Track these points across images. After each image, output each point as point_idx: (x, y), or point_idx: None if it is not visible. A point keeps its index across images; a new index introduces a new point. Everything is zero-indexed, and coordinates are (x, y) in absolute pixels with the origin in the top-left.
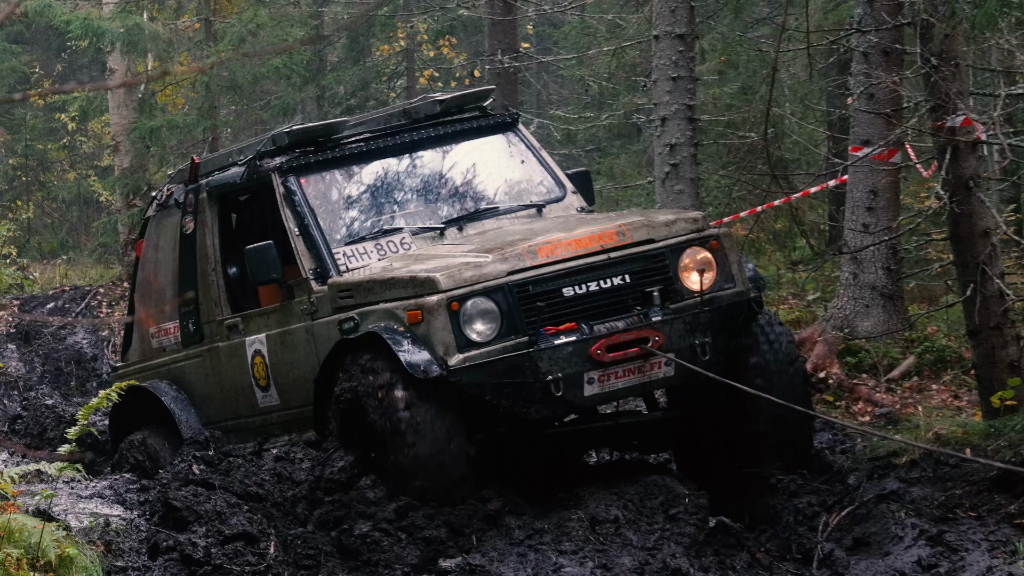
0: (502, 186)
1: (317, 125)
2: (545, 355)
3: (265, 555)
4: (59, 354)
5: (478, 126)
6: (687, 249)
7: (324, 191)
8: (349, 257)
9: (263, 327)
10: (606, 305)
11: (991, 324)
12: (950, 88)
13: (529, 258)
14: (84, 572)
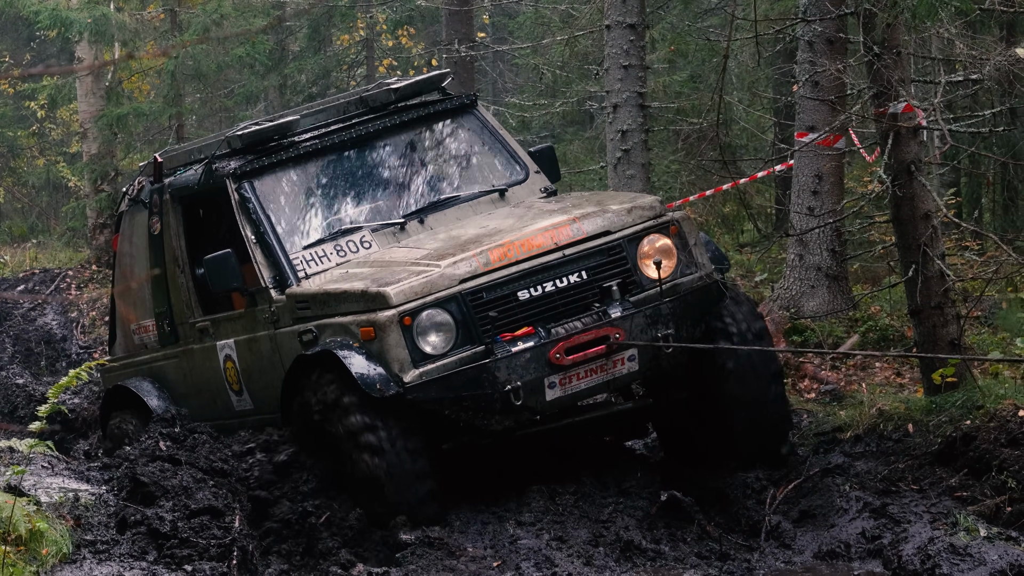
0: (464, 171)
1: (270, 126)
2: (503, 364)
3: (230, 528)
4: (29, 335)
5: (435, 111)
6: (645, 237)
7: (280, 194)
8: (308, 262)
9: (231, 332)
10: (563, 305)
11: (932, 304)
12: (892, 76)
13: (482, 264)
14: (54, 546)
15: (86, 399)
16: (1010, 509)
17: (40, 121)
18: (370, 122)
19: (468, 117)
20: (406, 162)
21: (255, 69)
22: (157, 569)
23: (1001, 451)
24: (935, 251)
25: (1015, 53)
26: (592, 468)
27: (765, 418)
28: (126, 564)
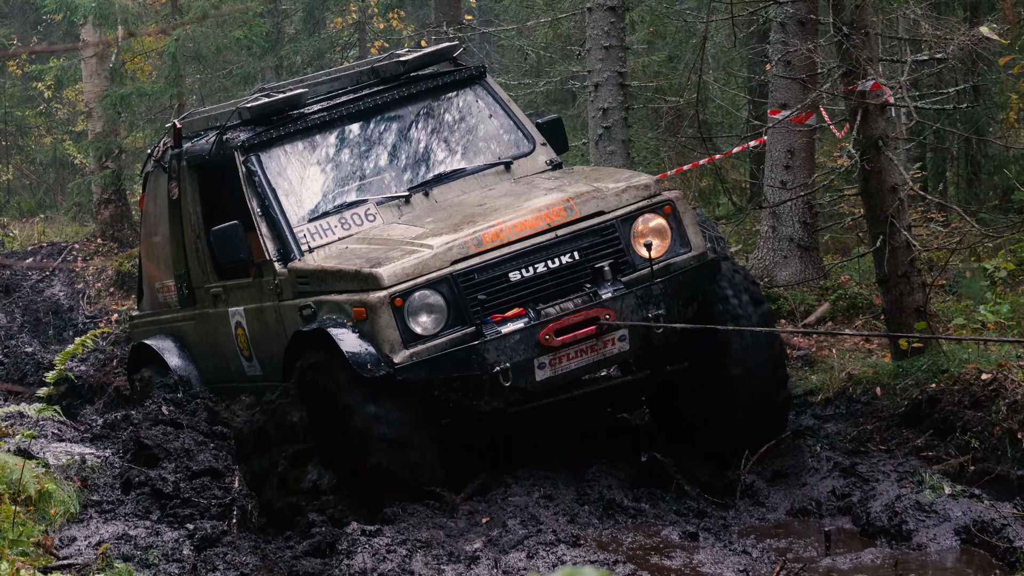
0: (471, 143)
1: (279, 99)
2: (491, 346)
3: (230, 489)
4: (37, 305)
5: (445, 82)
6: (639, 217)
7: (287, 167)
8: (313, 235)
9: (241, 300)
10: (555, 286)
11: (899, 273)
12: (860, 55)
13: (474, 246)
14: (62, 506)
15: (92, 366)
16: (973, 468)
17: (47, 101)
18: (379, 94)
19: (477, 88)
20: (413, 134)
21: (252, 51)
22: (160, 528)
23: (965, 413)
24: (902, 222)
25: (978, 33)
26: (580, 432)
27: (766, 404)
28: (131, 523)
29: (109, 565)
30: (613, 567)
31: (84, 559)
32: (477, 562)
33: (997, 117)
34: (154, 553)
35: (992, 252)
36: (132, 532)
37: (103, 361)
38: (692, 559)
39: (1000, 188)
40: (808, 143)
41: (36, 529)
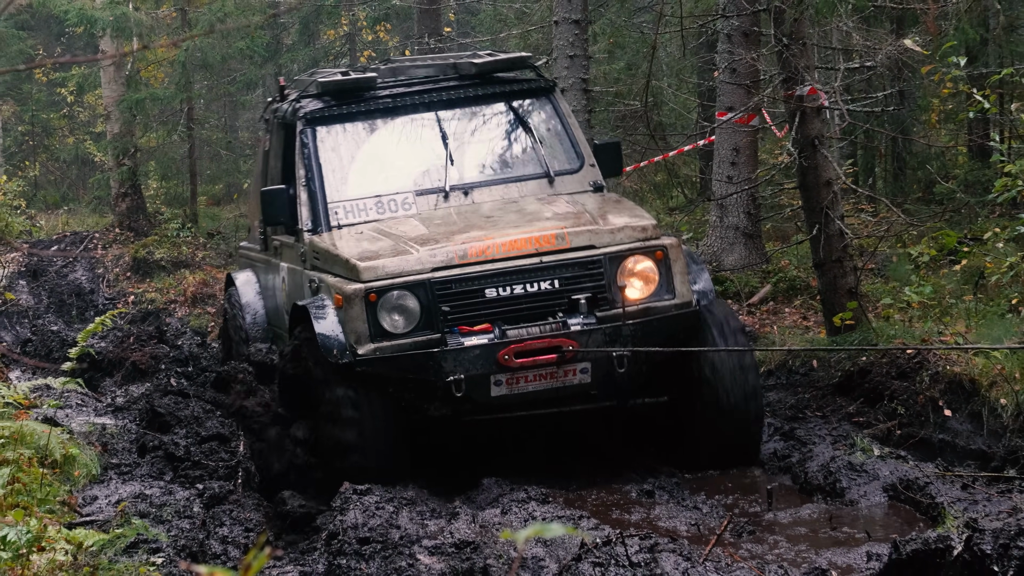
0: (522, 151)
1: (350, 79)
2: (450, 356)
3: (235, 452)
4: (62, 288)
5: (516, 89)
6: (629, 257)
7: (340, 144)
8: (348, 212)
9: (287, 258)
10: (527, 309)
11: (833, 258)
12: (798, 63)
13: (458, 256)
14: (85, 468)
15: (111, 343)
16: (899, 432)
17: (70, 105)
18: (447, 90)
19: (543, 100)
20: (471, 133)
21: (254, 59)
22: (173, 487)
23: (892, 383)
24: (835, 213)
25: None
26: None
27: (739, 437)
28: (146, 483)
29: (127, 521)
30: (579, 521)
31: (105, 516)
32: (457, 517)
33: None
34: (167, 510)
35: (916, 239)
36: (148, 491)
37: (121, 338)
38: (649, 514)
39: (923, 182)
40: (752, 142)
41: (61, 489)
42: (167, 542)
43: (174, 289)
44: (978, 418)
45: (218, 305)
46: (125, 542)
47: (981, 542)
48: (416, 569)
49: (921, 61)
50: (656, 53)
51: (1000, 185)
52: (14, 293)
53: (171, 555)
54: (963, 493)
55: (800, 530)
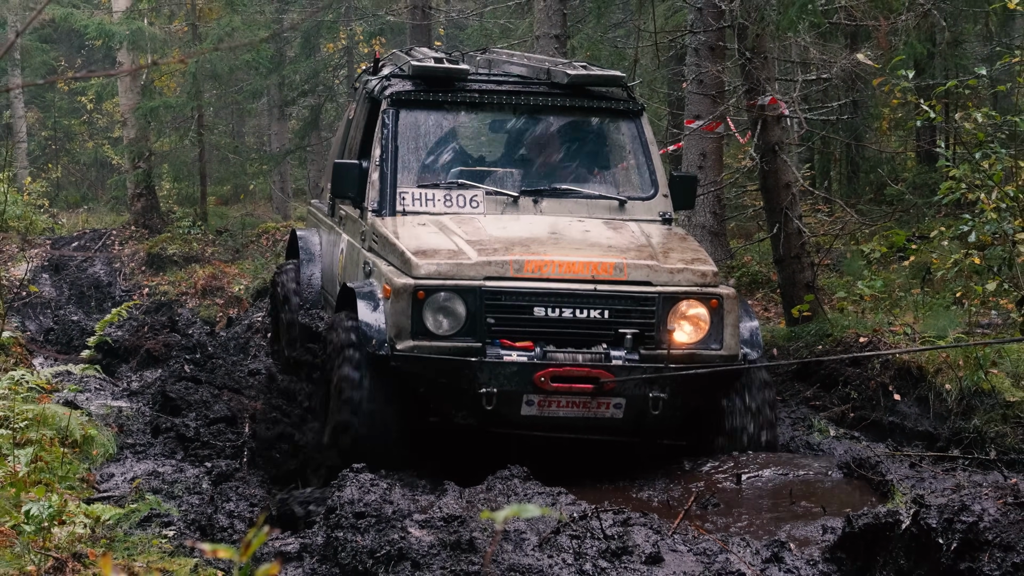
0: (599, 170)
1: (442, 67)
2: (487, 367)
3: (241, 433)
4: (82, 281)
5: (602, 107)
6: (683, 300)
7: (420, 130)
8: (416, 199)
9: (348, 231)
10: (572, 335)
11: (792, 254)
12: (760, 75)
13: (513, 270)
14: (102, 448)
15: (127, 332)
16: (852, 415)
17: (89, 112)
18: (533, 95)
19: (630, 123)
20: (551, 142)
21: (259, 70)
22: (184, 465)
23: (846, 370)
24: (794, 213)
25: (856, 58)
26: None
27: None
28: (159, 461)
29: (141, 497)
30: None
31: (121, 492)
32: (445, 493)
33: (872, 126)
34: (178, 487)
35: (868, 237)
36: (160, 469)
37: (136, 328)
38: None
39: (875, 184)
40: (717, 148)
41: (81, 467)
42: (178, 516)
43: (185, 282)
44: (925, 402)
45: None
46: (139, 516)
47: (927, 517)
48: (408, 541)
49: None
50: (630, 64)
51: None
52: (38, 286)
53: (181, 528)
54: (911, 471)
55: (762, 504)
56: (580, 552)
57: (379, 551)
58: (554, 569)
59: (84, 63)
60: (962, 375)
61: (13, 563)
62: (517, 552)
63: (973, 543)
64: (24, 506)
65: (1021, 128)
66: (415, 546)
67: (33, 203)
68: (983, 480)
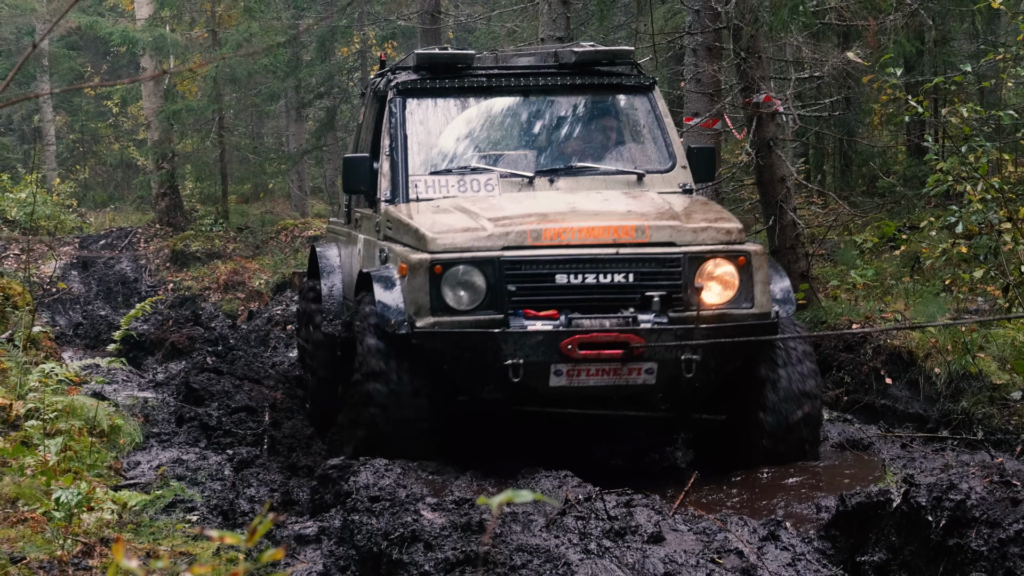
0: (615, 146)
1: (446, 53)
2: (511, 338)
3: (262, 422)
4: (109, 278)
5: (612, 83)
6: (709, 260)
7: (429, 118)
8: (429, 187)
9: (364, 230)
10: (598, 300)
11: (787, 245)
12: (755, 74)
13: (531, 238)
14: (129, 437)
15: (152, 326)
16: (846, 398)
17: (115, 115)
18: (541, 75)
19: (641, 98)
20: (564, 122)
21: (277, 74)
22: (207, 453)
23: (839, 355)
24: (789, 206)
25: (846, 56)
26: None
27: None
28: (184, 449)
29: (166, 484)
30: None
31: (147, 479)
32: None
33: (864, 121)
34: (202, 473)
35: (861, 228)
36: (184, 457)
37: (161, 321)
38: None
39: (867, 177)
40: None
41: (108, 456)
42: (201, 502)
43: (208, 277)
44: (915, 386)
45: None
46: (164, 502)
47: (917, 495)
48: (420, 524)
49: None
50: None
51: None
52: (67, 282)
53: (204, 513)
54: (902, 452)
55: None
56: (585, 532)
57: (393, 533)
58: (560, 549)
59: (110, 68)
60: (951, 359)
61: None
62: (525, 533)
63: (961, 520)
64: (54, 493)
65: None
66: (427, 528)
67: (62, 203)
68: (971, 460)
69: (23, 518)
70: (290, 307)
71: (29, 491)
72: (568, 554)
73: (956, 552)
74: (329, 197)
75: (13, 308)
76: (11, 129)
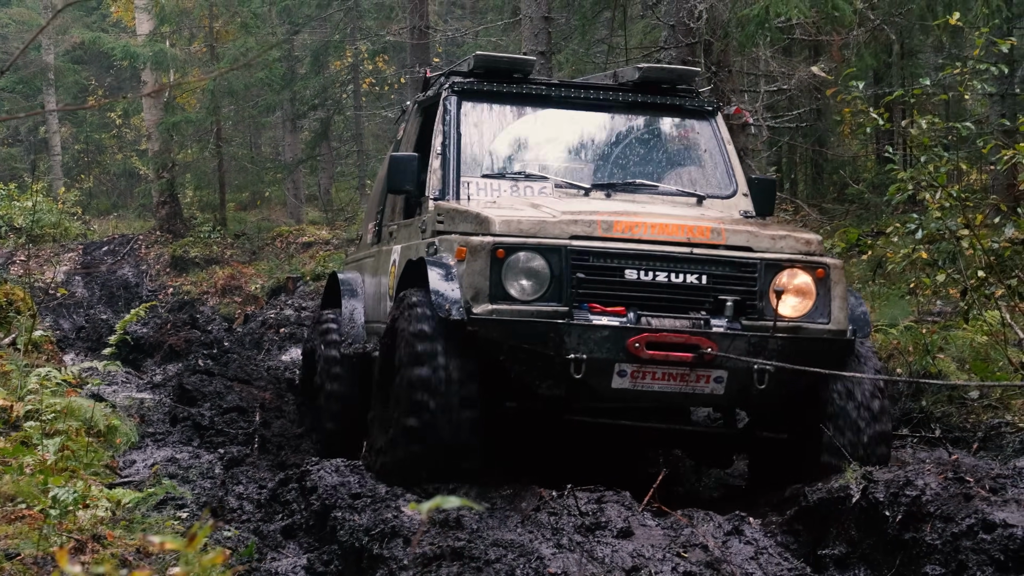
0: (674, 168)
1: (506, 57)
2: (575, 331)
3: (252, 421)
4: (112, 282)
5: (678, 105)
6: (787, 269)
7: (483, 121)
8: (480, 189)
9: (401, 238)
10: (668, 300)
11: None
12: (726, 87)
13: (601, 229)
14: (125, 436)
15: (151, 329)
16: None
17: (118, 127)
18: (601, 89)
19: (704, 123)
20: (620, 139)
21: (272, 87)
22: (200, 451)
23: None
24: None
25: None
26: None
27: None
28: (177, 448)
29: (158, 482)
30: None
31: (141, 477)
32: None
33: (835, 131)
34: (193, 472)
35: (830, 233)
36: (178, 456)
37: (160, 325)
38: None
39: (838, 184)
40: None
41: (105, 455)
42: (191, 499)
43: (206, 282)
44: None
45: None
46: (156, 499)
47: (875, 491)
48: (400, 520)
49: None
50: None
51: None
52: (71, 287)
53: (194, 510)
54: None
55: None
56: (557, 528)
57: (374, 529)
58: (534, 543)
59: (113, 81)
60: (911, 360)
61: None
62: (501, 528)
63: (916, 515)
64: (51, 491)
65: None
66: (407, 524)
67: (67, 211)
68: (927, 457)
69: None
70: (284, 311)
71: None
72: (541, 548)
73: (912, 545)
74: (323, 204)
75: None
76: (18, 140)
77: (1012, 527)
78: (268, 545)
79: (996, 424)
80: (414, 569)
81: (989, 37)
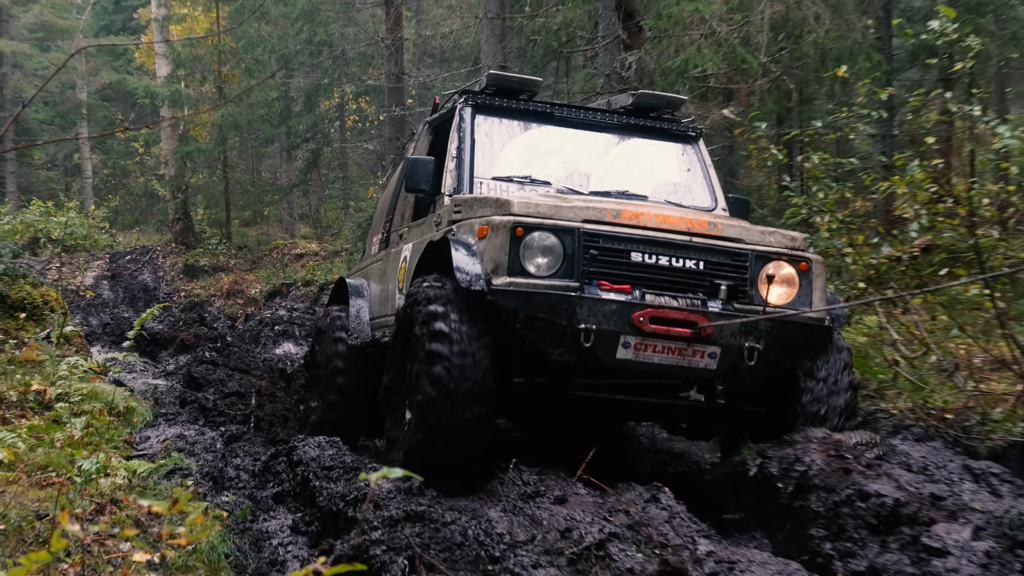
0: (660, 183)
1: (516, 77)
2: (586, 303)
3: (249, 404)
4: (133, 286)
5: (662, 127)
6: (773, 260)
7: (495, 133)
8: (491, 190)
9: (412, 237)
10: (669, 281)
11: None
12: None
13: (611, 216)
14: (141, 416)
15: (166, 325)
16: None
17: (140, 155)
18: (601, 112)
19: (689, 147)
20: (616, 156)
21: (271, 122)
22: (204, 429)
23: None
24: None
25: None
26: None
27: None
28: (186, 426)
29: (168, 455)
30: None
31: (154, 451)
32: None
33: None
34: (198, 446)
35: None
36: (186, 433)
37: (173, 322)
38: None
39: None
40: None
41: (123, 431)
42: (196, 469)
43: (213, 286)
44: None
45: (245, 297)
46: (166, 469)
47: (769, 466)
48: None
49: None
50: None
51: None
52: (98, 290)
53: (198, 478)
54: None
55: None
56: (504, 495)
57: (348, 495)
58: (484, 508)
59: (136, 116)
60: None
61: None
62: (457, 495)
63: (804, 486)
64: (77, 462)
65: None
66: (376, 491)
67: (97, 226)
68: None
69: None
70: (278, 311)
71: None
72: (490, 512)
73: (800, 512)
74: (313, 222)
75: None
76: (55, 165)
77: (883, 496)
78: (261, 508)
79: (873, 410)
80: (382, 529)
81: (871, 87)
